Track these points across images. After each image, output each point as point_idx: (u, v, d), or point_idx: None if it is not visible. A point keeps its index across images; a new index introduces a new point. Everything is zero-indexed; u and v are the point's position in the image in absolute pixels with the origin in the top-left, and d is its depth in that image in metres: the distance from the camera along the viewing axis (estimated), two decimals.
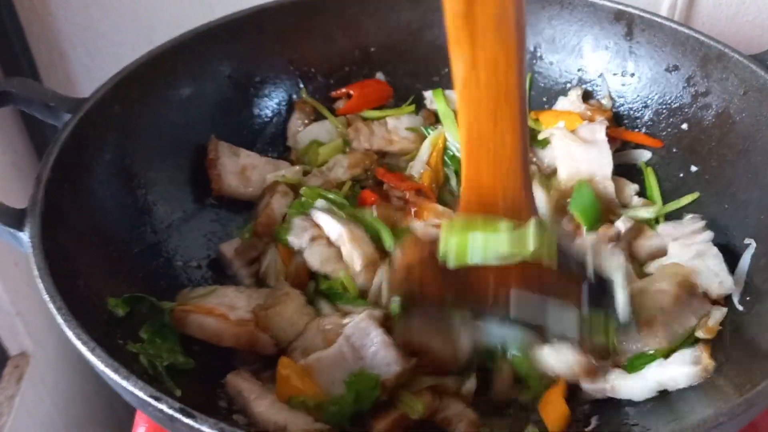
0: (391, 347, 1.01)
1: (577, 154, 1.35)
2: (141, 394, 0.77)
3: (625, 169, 1.41)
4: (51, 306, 0.88)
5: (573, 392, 1.08)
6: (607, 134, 1.35)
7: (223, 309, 1.11)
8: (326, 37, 1.51)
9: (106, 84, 1.22)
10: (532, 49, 1.50)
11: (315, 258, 1.20)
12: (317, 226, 1.22)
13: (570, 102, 1.45)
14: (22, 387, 1.63)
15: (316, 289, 1.21)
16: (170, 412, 0.75)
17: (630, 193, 1.36)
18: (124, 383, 0.79)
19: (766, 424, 1.15)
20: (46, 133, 1.71)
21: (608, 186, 1.32)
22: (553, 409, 1.03)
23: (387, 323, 1.07)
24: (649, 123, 1.41)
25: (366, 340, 1.02)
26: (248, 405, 0.99)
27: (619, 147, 1.43)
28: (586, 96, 1.47)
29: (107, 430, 2.07)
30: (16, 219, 1.00)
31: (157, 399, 0.77)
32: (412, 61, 1.55)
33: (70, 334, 0.85)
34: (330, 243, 1.21)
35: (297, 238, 1.22)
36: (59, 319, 0.87)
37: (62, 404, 1.83)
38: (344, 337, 1.03)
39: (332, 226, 1.20)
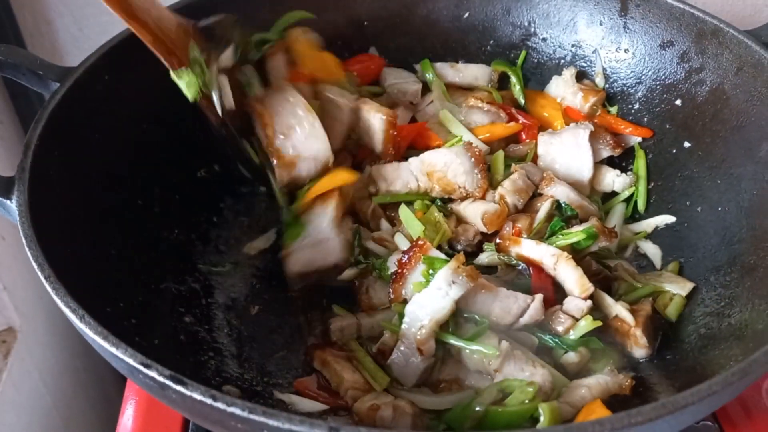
0: None
1: (558, 157, 1.35)
2: (131, 361, 0.76)
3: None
4: (39, 274, 0.87)
5: None
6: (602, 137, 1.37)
7: None
8: (319, 11, 1.49)
9: (95, 53, 1.21)
10: (526, 23, 1.49)
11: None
12: None
13: (564, 81, 1.45)
14: (10, 362, 1.62)
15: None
16: (161, 379, 0.75)
17: (611, 179, 1.36)
18: (114, 350, 0.78)
19: None
20: (32, 104, 1.69)
21: (582, 191, 1.33)
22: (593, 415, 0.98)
23: None
24: (642, 99, 1.40)
25: None
26: (335, 371, 1.08)
27: None
28: (580, 76, 1.46)
29: (96, 404, 2.07)
30: (3, 187, 0.99)
31: (147, 366, 0.76)
32: (405, 35, 1.53)
33: (58, 301, 0.84)
34: None
35: None
36: (48, 287, 0.85)
37: (50, 379, 1.82)
38: None
39: None
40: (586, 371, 1.08)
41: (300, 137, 1.19)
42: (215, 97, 1.13)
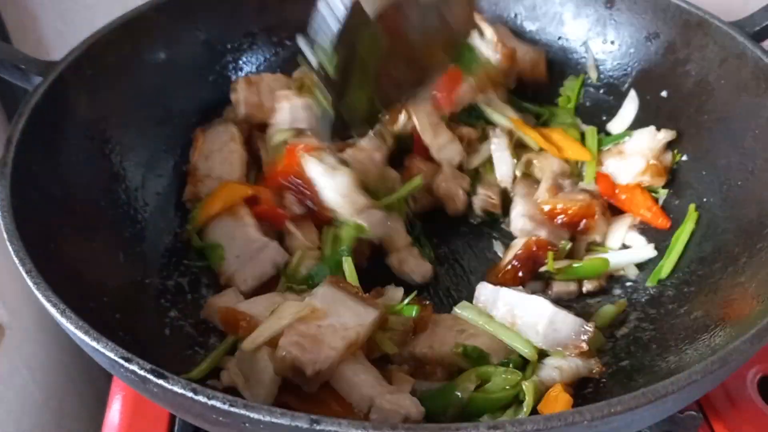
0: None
1: None
2: (112, 355, 0.76)
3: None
4: (21, 268, 0.86)
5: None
6: None
7: None
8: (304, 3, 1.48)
9: (78, 47, 1.20)
10: (512, 16, 1.49)
11: None
12: None
13: (649, 133, 1.34)
14: None
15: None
16: (142, 373, 0.74)
17: None
18: (95, 344, 0.78)
19: None
20: (18, 99, 1.68)
21: None
22: (555, 403, 1.00)
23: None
24: (628, 90, 1.41)
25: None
26: None
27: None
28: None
29: (84, 400, 2.06)
30: None
31: (127, 360, 0.76)
32: None
33: (39, 295, 0.84)
34: None
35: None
36: (29, 281, 0.85)
37: (39, 375, 1.81)
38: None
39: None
40: None
41: (216, 160, 1.30)
42: None
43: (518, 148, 1.36)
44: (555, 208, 1.26)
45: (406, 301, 1.10)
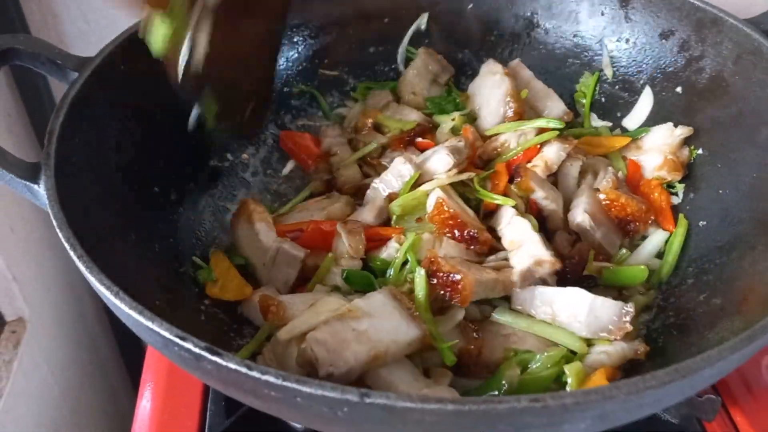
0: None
1: None
2: (167, 334, 0.79)
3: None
4: (72, 254, 0.89)
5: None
6: None
7: None
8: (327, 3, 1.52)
9: (111, 43, 1.23)
10: (529, 14, 1.53)
11: None
12: None
13: (668, 133, 1.36)
14: (20, 352, 1.64)
15: None
16: (197, 350, 0.77)
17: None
18: (150, 324, 0.81)
19: None
20: (40, 98, 1.70)
21: None
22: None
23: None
24: (643, 88, 1.44)
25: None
26: None
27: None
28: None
29: (101, 395, 2.09)
30: (30, 172, 1.01)
31: (183, 339, 0.79)
32: (407, 27, 1.57)
33: (92, 279, 0.87)
34: None
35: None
36: (81, 267, 0.88)
37: (58, 369, 1.84)
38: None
39: None
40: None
41: None
42: (183, 51, 1.08)
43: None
44: (617, 200, 1.25)
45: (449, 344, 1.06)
